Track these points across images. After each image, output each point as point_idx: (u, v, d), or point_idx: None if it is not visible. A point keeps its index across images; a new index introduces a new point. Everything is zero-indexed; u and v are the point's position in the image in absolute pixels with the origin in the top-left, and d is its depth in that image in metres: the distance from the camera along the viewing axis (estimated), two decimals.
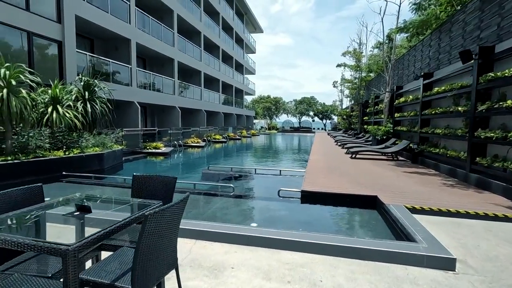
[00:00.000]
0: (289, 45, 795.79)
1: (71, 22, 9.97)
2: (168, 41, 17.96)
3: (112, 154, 9.44)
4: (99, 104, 9.24)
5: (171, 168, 11.31)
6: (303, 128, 49.75)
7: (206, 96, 24.83)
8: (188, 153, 15.94)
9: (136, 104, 14.33)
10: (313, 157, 11.50)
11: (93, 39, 13.98)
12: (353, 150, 11.76)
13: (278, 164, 12.26)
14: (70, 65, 9.79)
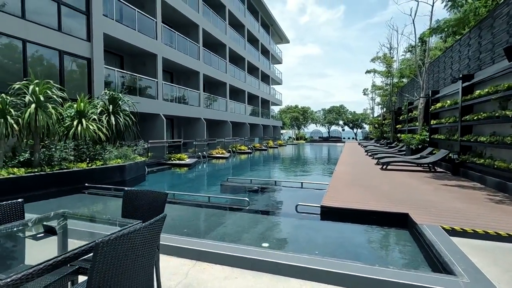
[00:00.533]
0: (318, 55, 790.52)
1: (100, 40, 10.50)
2: (194, 54, 18.41)
3: (134, 166, 9.58)
4: (122, 116, 9.49)
5: (192, 179, 11.24)
6: (332, 138, 48.26)
7: (232, 107, 25.00)
8: (212, 164, 15.91)
9: (161, 116, 14.68)
10: (339, 168, 10.80)
11: (123, 55, 14.69)
12: (384, 160, 10.87)
13: (301, 175, 11.70)
14: (97, 80, 10.24)
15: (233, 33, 24.57)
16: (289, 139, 48.38)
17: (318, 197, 6.21)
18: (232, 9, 23.69)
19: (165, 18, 16.85)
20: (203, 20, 19.21)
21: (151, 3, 14.56)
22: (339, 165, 11.76)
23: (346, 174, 9.24)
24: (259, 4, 30.28)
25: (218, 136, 22.56)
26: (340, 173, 9.47)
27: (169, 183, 10.23)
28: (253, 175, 11.51)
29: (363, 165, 11.88)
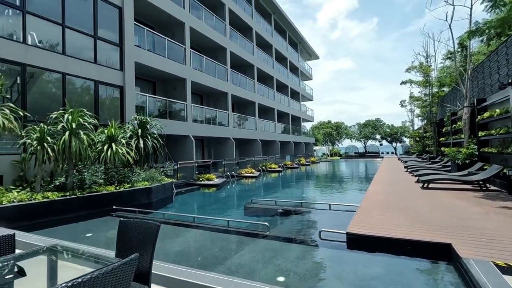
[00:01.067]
0: (351, 68, 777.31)
1: (131, 69, 11.19)
2: (222, 76, 18.93)
3: (161, 188, 9.73)
4: (150, 139, 9.82)
5: (218, 200, 11.12)
6: (369, 153, 45.86)
7: (261, 125, 25.01)
8: (240, 184, 15.75)
9: (191, 137, 15.04)
10: (373, 187, 9.96)
11: (155, 81, 15.54)
12: (425, 178, 9.82)
13: (331, 195, 10.99)
14: (129, 106, 10.83)
15: (261, 53, 25.02)
16: (322, 155, 46.97)
17: (347, 221, 5.65)
18: (259, 31, 24.27)
19: (194, 43, 17.68)
20: (231, 43, 19.84)
21: (181, 31, 15.39)
22: (374, 184, 10.88)
23: (380, 194, 8.45)
24: (286, 24, 30.74)
25: (248, 155, 22.54)
26: (374, 193, 8.69)
27: (195, 204, 10.20)
28: (280, 196, 11.08)
29: (400, 184, 10.86)
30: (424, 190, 9.11)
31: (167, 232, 6.43)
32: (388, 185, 10.55)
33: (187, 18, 15.45)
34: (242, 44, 21.70)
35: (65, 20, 8.94)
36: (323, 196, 11.21)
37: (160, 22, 15.20)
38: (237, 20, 21.30)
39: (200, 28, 16.50)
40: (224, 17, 19.37)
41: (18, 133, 6.91)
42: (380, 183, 11.21)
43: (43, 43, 8.49)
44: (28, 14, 8.10)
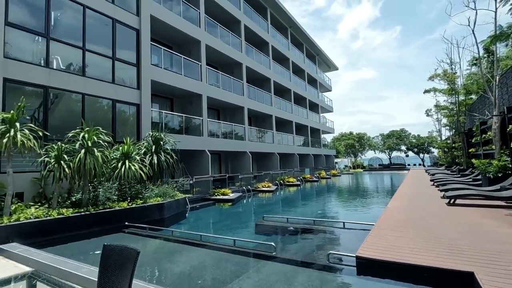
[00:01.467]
0: (373, 78, 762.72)
1: (147, 87, 11.58)
2: (238, 91, 19.14)
3: (174, 203, 9.77)
4: (163, 155, 9.97)
5: (232, 216, 10.96)
6: (394, 165, 43.91)
7: (279, 139, 24.82)
8: (256, 198, 15.52)
9: (207, 152, 15.16)
10: (393, 203, 9.37)
11: (172, 98, 15.99)
12: (451, 194, 9.10)
13: (347, 212, 10.46)
14: (145, 123, 11.14)
15: (277, 66, 25.16)
16: (345, 168, 45.63)
17: (360, 241, 5.27)
18: (275, 45, 24.50)
19: (211, 60, 18.15)
20: (247, 58, 20.13)
21: (197, 49, 15.83)
22: (394, 199, 10.25)
23: (400, 211, 7.90)
24: (303, 37, 30.86)
25: (266, 168, 22.34)
26: (393, 209, 8.14)
27: (207, 220, 10.11)
28: (295, 212, 10.74)
29: (424, 199, 10.14)
30: (450, 207, 8.42)
31: (173, 250, 6.35)
32: (410, 200, 9.89)
33: (202, 36, 15.92)
34: (258, 59, 21.94)
35: (85, 44, 9.49)
36: (339, 213, 10.71)
37: (177, 41, 15.77)
38: (252, 35, 21.67)
39: (216, 45, 16.92)
40: (240, 33, 19.78)
41: (38, 152, 7.25)
42: (401, 198, 10.54)
43: (65, 67, 9.01)
44: (52, 40, 8.69)
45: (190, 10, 15.50)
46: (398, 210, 8.05)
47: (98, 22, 10.08)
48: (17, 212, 6.92)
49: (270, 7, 24.28)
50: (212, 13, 17.88)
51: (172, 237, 7.04)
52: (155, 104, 15.14)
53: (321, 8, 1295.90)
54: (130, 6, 11.25)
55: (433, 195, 11.02)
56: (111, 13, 10.40)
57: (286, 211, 11.18)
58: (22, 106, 6.98)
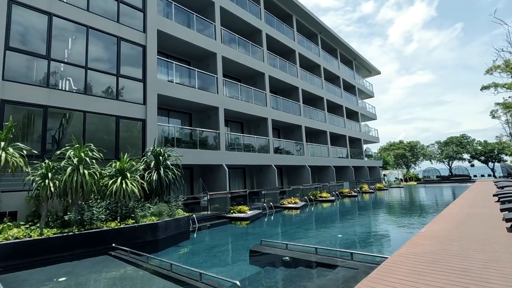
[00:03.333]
0: (431, 82, 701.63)
1: (154, 102, 11.38)
2: (261, 101, 18.31)
3: (173, 223, 9.06)
4: (162, 171, 9.42)
5: (238, 238, 9.82)
6: (455, 177, 38.10)
7: (311, 150, 23.12)
8: (278, 216, 14.15)
9: (224, 167, 14.42)
10: (430, 227, 7.33)
11: (191, 113, 15.78)
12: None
13: (366, 237, 8.54)
14: (150, 138, 10.84)
15: (306, 74, 23.85)
16: (395, 180, 41.11)
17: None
18: (303, 52, 23.33)
19: (230, 71, 17.80)
20: (269, 68, 19.31)
21: (213, 63, 15.52)
22: (435, 222, 8.11)
23: (434, 239, 5.98)
24: (337, 42, 29.15)
25: (296, 183, 20.76)
26: (425, 237, 6.23)
27: (209, 243, 9.14)
28: (308, 235, 9.22)
29: (478, 222, 7.81)
30: (510, 234, 6.18)
31: (133, 283, 5.49)
32: (456, 224, 7.68)
33: (218, 48, 15.60)
34: (283, 67, 20.98)
35: (87, 63, 9.62)
36: (356, 237, 8.87)
37: (194, 55, 15.68)
38: (276, 44, 20.89)
39: (233, 56, 16.48)
40: (261, 43, 19.15)
41: (26, 170, 7.20)
42: (446, 220, 8.31)
43: (65, 85, 9.16)
44: (52, 61, 8.92)
45: (204, 23, 15.36)
46: (432, 238, 6.13)
47: (102, 41, 10.24)
48: (2, 232, 6.83)
49: (295, 14, 23.38)
50: (230, 25, 17.60)
51: (147, 264, 6.22)
52: (173, 119, 15.08)
53: (367, 15, 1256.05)
54: (136, 23, 11.34)
55: (493, 217, 8.52)
56: (115, 32, 10.53)
57: (303, 233, 9.70)
58: (9, 126, 7.02)
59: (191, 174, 15.45)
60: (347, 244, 8.06)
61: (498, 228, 6.86)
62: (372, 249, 7.35)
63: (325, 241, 8.35)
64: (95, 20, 10.04)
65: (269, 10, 21.04)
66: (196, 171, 15.51)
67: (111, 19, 10.52)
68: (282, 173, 22.20)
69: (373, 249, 7.34)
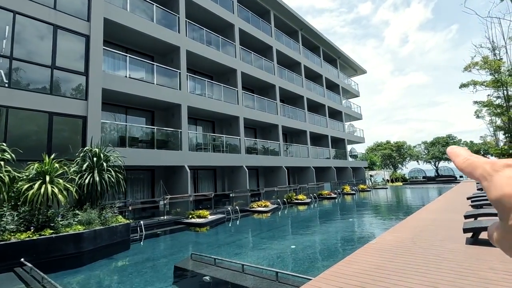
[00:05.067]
0: (425, 83, 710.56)
1: (97, 97, 10.33)
2: (233, 99, 17.38)
3: (105, 232, 8.05)
4: (97, 173, 8.40)
5: (182, 248, 8.85)
6: (441, 178, 37.70)
7: (290, 150, 22.29)
8: (243, 221, 13.23)
9: (186, 168, 13.44)
10: (384, 237, 6.49)
11: (153, 111, 14.77)
12: (472, 225, 5.97)
13: (322, 250, 7.65)
14: (94, 137, 9.78)
15: (285, 72, 22.99)
16: (382, 181, 40.59)
17: None
18: (280, 48, 22.48)
19: (196, 67, 16.93)
20: (242, 64, 18.41)
21: (177, 59, 14.56)
22: (393, 230, 7.28)
23: (381, 252, 5.12)
24: (318, 39, 28.39)
25: (273, 184, 19.86)
26: (371, 250, 5.37)
27: (150, 254, 8.15)
28: (259, 246, 8.32)
29: (438, 231, 7.01)
30: (471, 248, 5.36)
31: None
32: (414, 234, 6.84)
33: (184, 42, 14.66)
34: (259, 64, 20.10)
35: (13, 52, 8.56)
36: (309, 248, 7.99)
37: (157, 49, 14.71)
38: (251, 39, 20.00)
39: (203, 52, 15.56)
40: (233, 38, 18.22)
41: None
42: (406, 228, 7.49)
43: None
44: None
45: (168, 16, 14.37)
46: (377, 252, 5.26)
47: (35, 29, 9.18)
48: None
49: (273, 9, 22.51)
50: (199, 18, 16.66)
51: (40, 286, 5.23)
52: (134, 117, 14.06)
53: (362, 17, 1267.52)
54: (78, 11, 10.30)
55: (459, 224, 7.72)
56: (51, 19, 9.48)
57: (247, 245, 8.80)
58: None
59: (152, 176, 14.43)
60: (294, 258, 7.17)
61: (458, 240, 6.03)
62: (316, 265, 6.47)
63: (272, 254, 7.44)
64: (25, 5, 8.99)
65: (244, 5, 20.13)
66: (159, 173, 14.50)
67: (46, 5, 9.46)
68: (259, 174, 21.30)
69: (318, 265, 6.46)
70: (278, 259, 7.00)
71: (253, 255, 7.41)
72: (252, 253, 7.70)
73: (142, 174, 14.17)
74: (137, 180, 13.91)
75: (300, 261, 6.91)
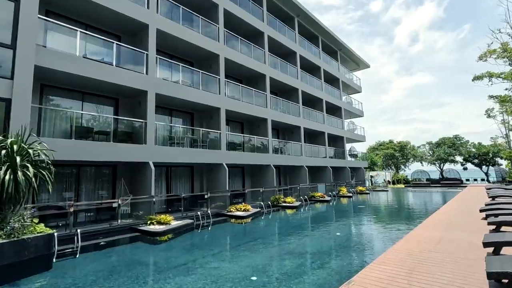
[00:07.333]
0: (430, 83, 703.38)
1: (28, 77, 8.44)
2: (214, 89, 15.43)
3: (8, 247, 6.21)
4: (3, 171, 6.53)
5: (123, 269, 6.95)
6: (446, 181, 35.46)
7: (281, 147, 20.34)
8: (215, 229, 11.35)
9: (150, 165, 11.57)
10: (365, 274, 4.54)
11: (118, 98, 12.88)
12: (493, 239, 4.00)
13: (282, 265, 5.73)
14: (20, 124, 7.89)
15: (277, 61, 20.93)
16: (382, 183, 38.50)
17: None
18: (273, 35, 20.41)
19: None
20: (226, 49, 16.42)
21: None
22: (380, 261, 5.33)
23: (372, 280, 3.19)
24: (317, 28, 26.26)
25: (260, 185, 17.95)
26: (372, 279, 3.44)
27: (68, 277, 6.29)
28: (208, 266, 6.40)
29: (445, 257, 5.04)
30: None
31: None
32: (413, 267, 4.90)
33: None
34: (247, 51, 18.09)
35: None
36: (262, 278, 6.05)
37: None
38: (239, 24, 17.98)
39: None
40: (217, 21, 16.22)
41: None
42: (399, 256, 5.53)
43: None
44: None
45: None
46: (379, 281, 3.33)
47: None
48: None
49: None
50: None
51: None
52: (93, 105, 12.19)
53: (370, 14, 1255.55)
54: None
55: (472, 248, 5.74)
56: None
57: (195, 269, 6.89)
58: None
59: (113, 173, 12.58)
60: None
61: (474, 274, 4.07)
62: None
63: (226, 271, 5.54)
64: None
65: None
66: (122, 171, 12.64)
67: None
68: (245, 174, 19.39)
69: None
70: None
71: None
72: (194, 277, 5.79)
73: (99, 170, 12.32)
74: (91, 178, 12.06)
75: None
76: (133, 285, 5.51)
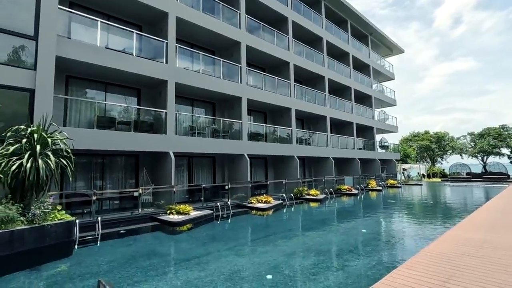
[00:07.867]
0: (473, 69, 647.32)
1: (50, 66, 8.60)
2: (235, 78, 15.06)
3: (29, 234, 6.39)
4: (26, 159, 6.69)
5: (136, 259, 6.93)
6: (490, 175, 32.38)
7: (306, 138, 19.60)
8: (234, 221, 11.15)
9: (171, 155, 11.57)
10: (392, 279, 3.96)
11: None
12: None
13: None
14: (41, 113, 8.10)
15: (302, 48, 19.99)
16: (416, 176, 36.17)
17: None
18: (298, 20, 19.46)
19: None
20: (247, 37, 15.88)
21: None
22: (427, 253, 4.68)
23: None
24: (345, 11, 24.70)
25: (284, 176, 17.48)
26: None
27: (89, 268, 6.37)
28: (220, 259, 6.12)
29: (492, 248, 4.29)
30: None
31: None
32: (447, 278, 4.22)
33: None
34: (270, 38, 17.41)
35: None
36: None
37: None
38: (261, 9, 17.28)
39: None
40: (238, 7, 15.68)
41: None
42: (448, 246, 4.83)
43: None
44: None
45: None
46: None
47: None
48: None
49: None
50: None
51: None
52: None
53: None
54: None
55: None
56: None
57: (210, 262, 6.64)
58: None
59: (136, 163, 12.79)
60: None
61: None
62: None
63: None
64: None
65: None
66: (144, 160, 12.81)
67: None
68: (268, 165, 18.98)
69: None
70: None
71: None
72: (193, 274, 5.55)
73: (123, 160, 12.56)
74: (116, 167, 12.33)
75: None
76: (142, 277, 5.39)
